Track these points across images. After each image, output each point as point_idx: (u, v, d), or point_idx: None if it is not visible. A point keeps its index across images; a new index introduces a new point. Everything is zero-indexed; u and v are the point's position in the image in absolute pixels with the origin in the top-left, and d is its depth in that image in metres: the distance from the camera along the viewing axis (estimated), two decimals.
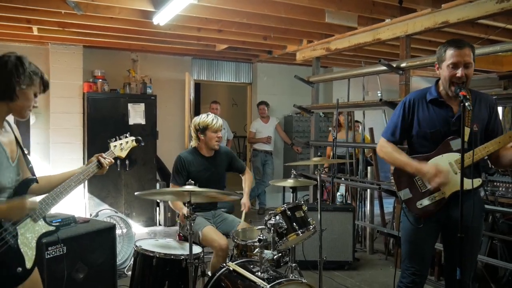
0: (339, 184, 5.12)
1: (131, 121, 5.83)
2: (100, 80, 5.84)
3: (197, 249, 2.72)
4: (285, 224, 2.75)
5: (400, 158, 2.36)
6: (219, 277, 2.44)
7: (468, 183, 2.15)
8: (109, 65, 6.18)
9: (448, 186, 2.25)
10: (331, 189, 4.85)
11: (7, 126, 1.93)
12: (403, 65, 4.24)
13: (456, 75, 2.20)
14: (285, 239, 2.75)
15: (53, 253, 2.70)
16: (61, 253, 2.74)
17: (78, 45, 5.92)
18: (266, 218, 2.76)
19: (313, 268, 3.83)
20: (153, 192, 3.44)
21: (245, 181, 3.56)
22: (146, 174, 5.96)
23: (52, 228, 1.94)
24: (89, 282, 2.93)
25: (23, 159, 1.97)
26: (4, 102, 1.82)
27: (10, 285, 1.77)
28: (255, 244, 2.65)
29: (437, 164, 2.24)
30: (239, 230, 3.08)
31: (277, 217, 2.73)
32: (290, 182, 3.19)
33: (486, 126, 2.30)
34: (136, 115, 5.87)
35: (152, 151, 6.01)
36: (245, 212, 3.33)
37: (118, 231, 4.05)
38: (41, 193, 1.93)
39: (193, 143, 3.40)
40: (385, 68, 4.37)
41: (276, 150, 7.28)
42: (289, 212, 2.84)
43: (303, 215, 2.90)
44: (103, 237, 3.12)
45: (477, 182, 2.25)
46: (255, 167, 6.93)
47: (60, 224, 2.86)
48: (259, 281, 2.25)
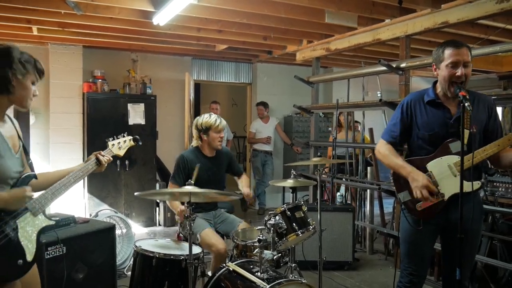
0: (339, 184, 5.12)
1: (131, 121, 5.83)
2: (100, 80, 5.84)
3: (196, 249, 2.71)
4: (285, 224, 2.76)
5: (396, 160, 2.36)
6: (219, 277, 2.45)
7: (468, 185, 2.14)
8: (109, 65, 6.17)
9: (447, 188, 2.24)
10: (331, 189, 4.85)
11: (8, 121, 1.93)
12: (402, 65, 4.25)
13: (456, 74, 2.20)
14: (285, 239, 2.74)
15: (53, 253, 2.71)
16: (61, 253, 2.74)
17: (78, 45, 5.92)
18: (266, 218, 2.76)
19: (313, 268, 3.83)
20: (152, 192, 3.45)
21: (241, 180, 3.53)
22: (146, 174, 5.96)
23: (52, 222, 1.94)
24: (88, 282, 2.93)
25: (24, 154, 1.98)
26: (4, 95, 1.83)
27: (12, 277, 1.79)
28: (255, 244, 2.64)
29: (429, 180, 2.23)
30: (239, 231, 3.09)
31: (277, 217, 2.74)
32: (290, 183, 3.18)
33: (485, 127, 2.30)
34: (136, 115, 5.87)
35: (152, 151, 6.01)
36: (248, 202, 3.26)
37: (118, 231, 4.05)
38: (40, 189, 1.93)
39: (194, 143, 3.38)
40: (385, 68, 4.38)
41: (276, 150, 7.28)
42: (289, 213, 2.84)
43: (303, 215, 2.90)
44: (102, 237, 3.12)
45: (477, 184, 2.25)
46: (255, 167, 6.94)
47: (59, 221, 2.85)
48: (259, 282, 2.25)
